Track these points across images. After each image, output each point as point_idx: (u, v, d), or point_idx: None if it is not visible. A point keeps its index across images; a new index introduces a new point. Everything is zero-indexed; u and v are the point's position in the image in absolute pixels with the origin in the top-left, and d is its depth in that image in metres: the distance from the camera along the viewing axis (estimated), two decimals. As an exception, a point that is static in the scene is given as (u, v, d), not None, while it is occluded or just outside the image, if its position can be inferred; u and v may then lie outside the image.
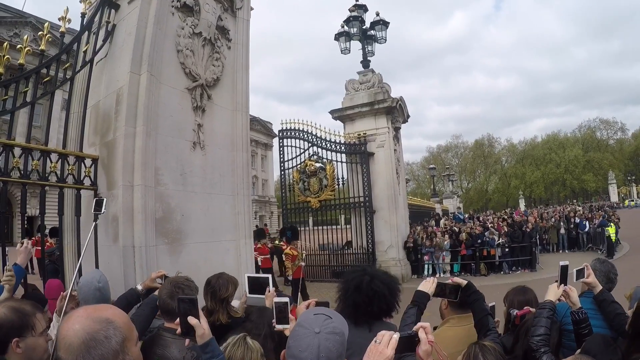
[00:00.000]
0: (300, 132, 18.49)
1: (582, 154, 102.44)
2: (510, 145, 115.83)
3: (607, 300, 3.92)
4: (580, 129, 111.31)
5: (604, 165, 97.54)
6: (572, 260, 12.84)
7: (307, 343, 2.07)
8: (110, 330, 1.79)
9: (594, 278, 4.06)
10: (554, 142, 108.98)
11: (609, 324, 3.83)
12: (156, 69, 5.64)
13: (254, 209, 69.80)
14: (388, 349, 2.03)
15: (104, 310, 1.90)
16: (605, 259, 4.60)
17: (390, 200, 18.28)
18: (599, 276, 4.17)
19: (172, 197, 5.73)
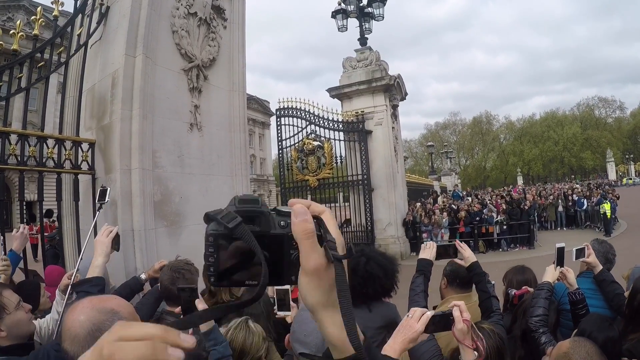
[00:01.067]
0: (298, 111, 18.42)
1: (581, 132, 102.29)
2: (508, 123, 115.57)
3: (607, 280, 3.97)
4: (578, 107, 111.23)
5: (602, 143, 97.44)
6: (570, 238, 13.06)
7: (312, 327, 2.11)
8: (116, 321, 1.77)
9: (594, 258, 4.10)
10: (553, 119, 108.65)
11: (609, 304, 3.89)
12: (151, 50, 5.59)
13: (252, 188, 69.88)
14: (418, 324, 2.05)
15: (108, 301, 1.89)
16: (603, 240, 4.66)
17: (388, 178, 18.35)
18: (598, 256, 4.18)
19: (170, 179, 5.72)
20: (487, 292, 3.54)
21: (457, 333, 2.16)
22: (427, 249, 3.76)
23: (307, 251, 0.91)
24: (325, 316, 0.97)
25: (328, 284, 0.94)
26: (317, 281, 0.94)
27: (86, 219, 5.35)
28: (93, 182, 5.47)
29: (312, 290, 0.95)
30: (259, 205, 0.92)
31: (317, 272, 0.92)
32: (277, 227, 0.93)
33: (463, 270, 3.82)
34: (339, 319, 0.93)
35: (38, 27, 5.09)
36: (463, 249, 3.76)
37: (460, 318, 2.17)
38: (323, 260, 0.92)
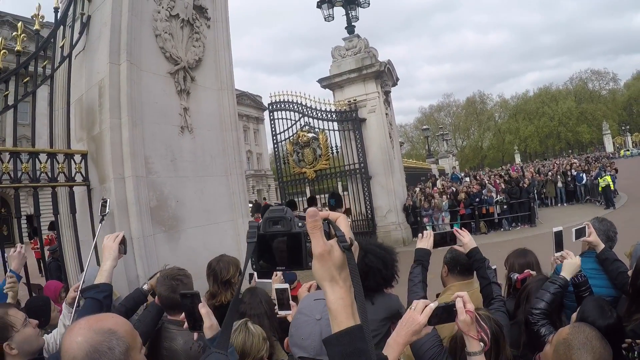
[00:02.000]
0: (290, 104, 18.35)
1: (575, 106, 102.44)
2: (502, 101, 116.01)
3: (610, 258, 3.94)
4: (572, 81, 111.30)
5: (598, 116, 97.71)
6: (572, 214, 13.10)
7: (308, 331, 2.08)
8: (114, 341, 1.78)
9: (595, 237, 4.07)
10: (546, 95, 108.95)
11: (613, 283, 3.87)
12: (135, 56, 5.55)
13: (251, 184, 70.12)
14: (421, 316, 2.05)
15: (106, 320, 1.89)
16: (604, 218, 4.60)
17: (385, 164, 18.35)
18: (599, 235, 4.14)
19: (165, 184, 5.70)
20: (487, 278, 3.51)
21: (460, 324, 2.15)
22: (424, 239, 3.72)
23: (315, 241, 1.27)
24: (329, 289, 1.30)
25: (332, 264, 1.28)
26: (322, 262, 1.28)
27: (84, 229, 5.34)
28: (88, 192, 5.43)
29: (319, 269, 1.29)
30: (283, 212, 1.33)
31: (321, 256, 1.27)
32: (296, 227, 1.32)
33: (463, 257, 3.79)
34: (339, 293, 1.29)
35: (20, 43, 5.04)
36: (462, 235, 3.70)
37: (464, 309, 2.16)
38: (326, 247, 1.27)
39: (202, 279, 5.09)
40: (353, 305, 1.30)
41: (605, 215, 18.10)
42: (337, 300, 1.28)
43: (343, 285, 1.30)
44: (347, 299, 1.29)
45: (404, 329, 2.03)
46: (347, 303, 1.29)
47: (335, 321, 1.28)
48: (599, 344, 2.33)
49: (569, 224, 17.00)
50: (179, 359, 3.39)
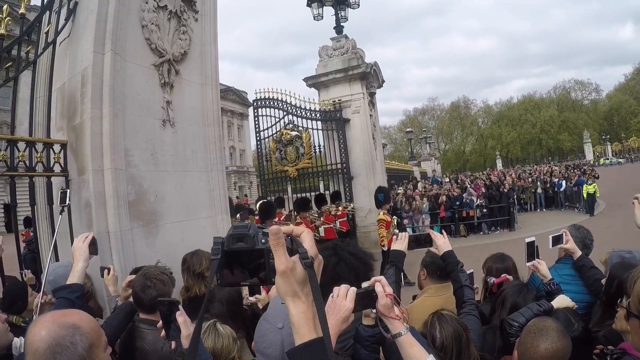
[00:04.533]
0: (275, 101, 18.25)
1: (557, 114, 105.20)
2: (486, 107, 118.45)
3: (587, 265, 4.02)
4: (555, 90, 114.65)
5: (579, 125, 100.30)
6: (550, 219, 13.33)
7: (270, 339, 2.09)
8: (77, 336, 1.78)
9: (572, 244, 4.14)
10: (530, 102, 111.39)
11: (588, 289, 3.94)
12: (120, 46, 5.45)
13: (233, 180, 69.89)
14: (347, 301, 2.02)
15: (71, 315, 1.87)
16: (581, 225, 4.67)
17: (367, 165, 18.34)
18: (576, 242, 4.21)
19: (144, 178, 5.61)
20: (459, 281, 3.55)
21: (381, 308, 2.15)
22: (399, 240, 3.76)
23: (278, 259, 1.34)
24: (291, 304, 1.38)
25: (294, 280, 1.36)
26: (284, 278, 1.35)
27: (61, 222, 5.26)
28: (67, 184, 5.31)
29: (282, 285, 1.37)
30: (246, 229, 1.38)
31: (284, 273, 1.34)
32: (260, 244, 1.37)
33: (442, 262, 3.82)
34: (302, 307, 1.37)
35: (5, 26, 4.95)
36: (436, 238, 3.75)
37: (384, 293, 2.16)
38: (289, 264, 1.34)
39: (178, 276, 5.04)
40: (315, 318, 1.38)
41: (584, 221, 18.40)
42: (299, 314, 1.37)
43: (305, 300, 1.39)
44: (309, 312, 1.38)
45: (332, 318, 1.96)
46: (309, 317, 1.38)
47: (298, 334, 1.37)
48: (555, 335, 2.46)
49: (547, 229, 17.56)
50: (149, 358, 3.35)
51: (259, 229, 1.40)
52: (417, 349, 2.16)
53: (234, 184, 70.85)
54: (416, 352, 2.15)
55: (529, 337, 2.53)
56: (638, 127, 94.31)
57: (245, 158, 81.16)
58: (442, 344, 2.68)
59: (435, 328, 2.76)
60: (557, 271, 4.13)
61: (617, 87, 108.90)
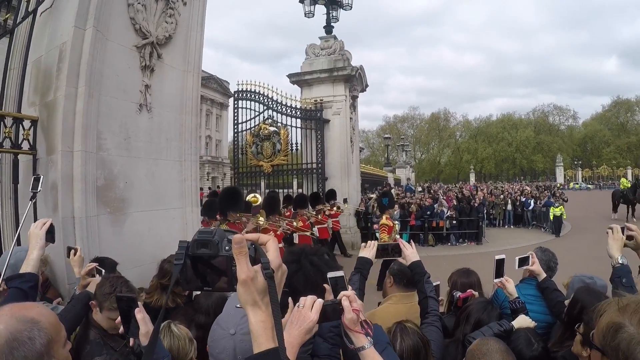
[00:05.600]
0: (256, 95, 18.20)
1: (534, 135, 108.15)
2: (465, 121, 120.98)
3: (550, 288, 4.11)
4: (534, 112, 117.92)
5: (554, 148, 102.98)
6: (517, 236, 13.71)
7: (223, 345, 2.09)
8: (35, 331, 1.70)
9: (538, 266, 4.22)
10: (508, 122, 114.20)
11: (550, 310, 4.03)
12: (103, 24, 5.24)
13: (206, 170, 69.59)
14: (312, 313, 1.99)
15: (30, 309, 1.80)
16: (546, 248, 4.77)
17: (343, 168, 18.39)
18: (541, 264, 4.31)
19: (115, 163, 5.43)
20: (424, 292, 3.62)
21: (347, 322, 2.12)
22: (367, 248, 3.80)
23: (239, 267, 1.36)
24: (251, 312, 1.40)
25: (255, 289, 1.38)
26: (245, 287, 1.38)
27: (26, 202, 5.04)
28: (34, 163, 5.08)
29: (242, 293, 1.39)
30: (211, 236, 1.39)
31: (245, 282, 1.37)
32: (223, 251, 1.39)
33: (409, 271, 3.87)
34: (261, 316, 1.40)
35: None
36: (405, 247, 3.77)
37: (350, 308, 2.12)
38: (250, 274, 1.37)
39: (144, 266, 4.90)
40: (274, 328, 1.41)
41: (550, 241, 18.83)
42: (258, 323, 1.40)
43: (265, 309, 1.41)
44: (267, 322, 1.41)
45: (296, 328, 1.95)
46: (268, 326, 1.41)
47: (256, 342, 1.40)
48: (499, 356, 2.52)
49: (514, 245, 17.86)
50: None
51: (224, 235, 1.42)
52: None
53: (207, 174, 70.47)
54: None
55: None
56: (609, 156, 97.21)
57: (220, 149, 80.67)
58: (400, 356, 2.70)
59: (396, 339, 2.80)
60: (521, 290, 4.16)
61: (593, 116, 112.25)
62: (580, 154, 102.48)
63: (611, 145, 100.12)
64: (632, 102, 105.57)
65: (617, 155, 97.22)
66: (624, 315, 1.71)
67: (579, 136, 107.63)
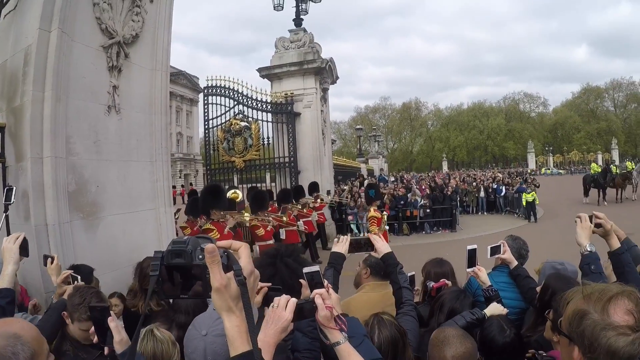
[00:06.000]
0: (226, 90, 17.98)
1: (505, 123, 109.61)
2: (436, 110, 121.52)
3: (522, 275, 4.18)
4: (505, 100, 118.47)
5: (525, 135, 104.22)
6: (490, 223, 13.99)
7: (194, 345, 2.15)
8: (18, 346, 1.71)
9: (509, 254, 4.28)
10: (479, 110, 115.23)
11: (523, 297, 4.11)
12: (68, 25, 5.17)
13: (178, 168, 69.08)
14: (287, 312, 2.03)
15: (12, 325, 1.81)
16: (517, 236, 4.82)
17: (315, 161, 18.40)
18: (512, 252, 4.37)
19: (86, 167, 5.38)
20: (397, 283, 3.65)
21: (321, 319, 2.18)
22: (340, 243, 3.82)
23: (213, 276, 1.42)
24: (226, 318, 1.48)
25: (229, 296, 1.45)
26: (219, 295, 1.44)
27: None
28: (3, 170, 5.01)
29: (217, 300, 1.46)
30: (184, 246, 1.43)
31: (218, 290, 1.43)
32: (197, 260, 1.43)
33: None
34: (235, 322, 1.48)
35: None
36: (376, 241, 3.81)
37: (323, 305, 2.18)
38: (223, 282, 1.43)
39: (119, 270, 4.85)
40: (248, 332, 1.49)
41: (522, 227, 19.28)
42: (233, 328, 1.48)
43: (239, 314, 1.49)
44: (242, 326, 1.49)
45: (271, 327, 2.01)
46: (243, 330, 1.49)
47: (232, 346, 1.49)
48: (457, 341, 2.63)
49: (487, 231, 18.05)
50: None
51: (198, 243, 1.46)
52: (355, 357, 2.21)
53: (180, 171, 69.92)
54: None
55: (435, 349, 2.68)
56: (580, 142, 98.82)
57: (192, 145, 80.00)
58: (379, 348, 2.72)
59: (374, 332, 2.84)
60: (494, 278, 4.22)
61: (564, 103, 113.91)
62: (551, 140, 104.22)
63: (581, 131, 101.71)
64: (602, 89, 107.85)
65: (588, 141, 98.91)
66: (588, 302, 1.77)
67: (550, 123, 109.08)
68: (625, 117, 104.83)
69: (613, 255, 3.40)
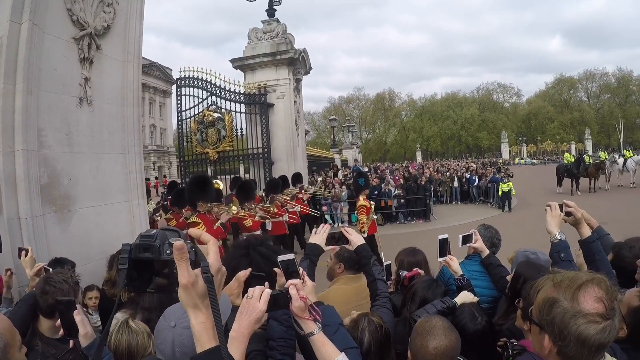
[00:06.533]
0: (199, 81, 17.82)
1: (478, 113, 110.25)
2: (410, 101, 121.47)
3: (493, 264, 4.22)
4: (478, 91, 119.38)
5: (498, 125, 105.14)
6: (464, 212, 14.15)
7: (163, 336, 2.13)
8: None
9: (481, 243, 4.33)
10: (453, 100, 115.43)
11: (495, 285, 4.16)
12: (40, 17, 5.12)
13: (152, 160, 68.40)
14: (261, 303, 2.07)
15: None
16: (490, 225, 4.87)
17: (289, 151, 18.37)
18: (484, 241, 4.42)
19: (58, 159, 5.35)
20: (372, 275, 3.67)
21: (295, 310, 2.22)
22: (317, 234, 3.79)
23: (180, 272, 1.43)
24: (192, 314, 1.51)
25: (195, 293, 1.47)
26: (186, 291, 1.46)
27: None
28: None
29: (184, 297, 1.48)
30: (152, 240, 1.44)
31: (185, 287, 1.45)
32: (165, 255, 1.44)
33: None
34: (201, 318, 1.50)
35: None
36: (349, 233, 3.81)
37: (297, 296, 2.22)
38: (190, 279, 1.44)
39: (93, 263, 4.84)
40: (214, 328, 1.51)
41: (496, 216, 19.50)
42: (199, 324, 1.51)
43: (205, 311, 1.51)
44: (208, 323, 1.51)
45: (245, 318, 2.04)
46: (209, 326, 1.51)
47: (199, 342, 1.52)
48: (442, 333, 2.59)
49: (461, 220, 18.21)
50: None
51: (166, 238, 1.48)
52: (329, 347, 2.25)
53: (154, 163, 69.17)
54: (328, 350, 2.24)
55: (419, 338, 2.64)
56: (553, 132, 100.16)
57: (165, 137, 79.03)
58: (368, 349, 2.79)
59: (364, 335, 2.85)
60: (466, 267, 4.29)
61: (537, 94, 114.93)
62: (525, 130, 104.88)
63: (555, 121, 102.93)
64: (575, 80, 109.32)
65: (561, 131, 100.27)
66: (558, 290, 1.79)
67: (523, 113, 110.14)
68: (598, 107, 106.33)
69: (584, 244, 3.46)
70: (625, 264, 3.64)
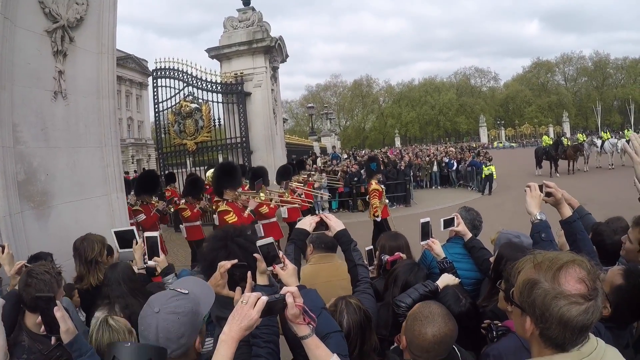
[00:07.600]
0: (175, 72, 17.74)
1: (456, 98, 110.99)
2: (388, 87, 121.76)
3: (476, 246, 4.25)
4: (456, 75, 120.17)
5: (476, 109, 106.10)
6: (444, 196, 14.43)
7: (147, 322, 2.13)
8: None
9: (463, 227, 4.36)
10: (431, 85, 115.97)
11: (478, 268, 4.19)
12: (11, 10, 5.01)
13: (130, 153, 67.85)
14: (254, 312, 2.07)
15: None
16: (471, 208, 4.89)
17: (267, 140, 18.39)
18: (466, 224, 4.44)
19: (34, 155, 5.28)
20: (353, 260, 3.61)
21: (290, 316, 2.21)
22: (306, 220, 3.77)
23: None
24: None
25: None
26: None
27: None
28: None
29: None
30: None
31: None
32: None
33: (327, 237, 4.08)
34: None
35: None
36: (328, 219, 3.76)
37: (294, 304, 2.20)
38: None
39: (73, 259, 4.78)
40: None
41: (477, 199, 19.79)
42: None
43: None
44: None
45: (236, 324, 2.05)
46: None
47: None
48: (441, 320, 2.60)
49: (441, 205, 18.39)
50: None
51: None
52: (322, 349, 2.23)
53: (132, 157, 68.59)
54: (321, 352, 2.22)
55: (417, 324, 2.63)
56: (531, 115, 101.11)
57: (143, 130, 78.31)
58: (348, 332, 2.73)
59: (343, 317, 2.81)
60: (448, 250, 4.32)
61: (515, 78, 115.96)
62: (503, 114, 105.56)
63: (533, 105, 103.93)
64: (552, 63, 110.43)
65: (539, 114, 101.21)
66: (538, 272, 1.77)
67: (501, 97, 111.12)
68: (575, 90, 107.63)
69: (565, 224, 3.48)
70: (606, 243, 3.70)
